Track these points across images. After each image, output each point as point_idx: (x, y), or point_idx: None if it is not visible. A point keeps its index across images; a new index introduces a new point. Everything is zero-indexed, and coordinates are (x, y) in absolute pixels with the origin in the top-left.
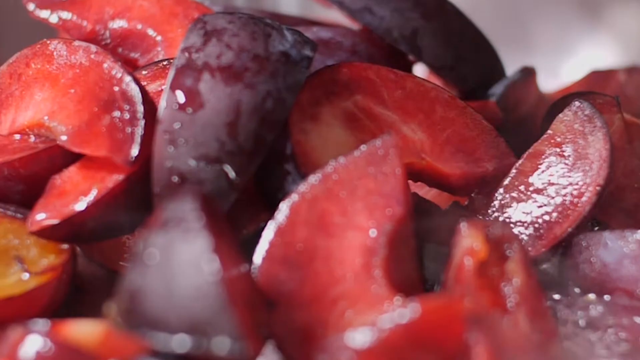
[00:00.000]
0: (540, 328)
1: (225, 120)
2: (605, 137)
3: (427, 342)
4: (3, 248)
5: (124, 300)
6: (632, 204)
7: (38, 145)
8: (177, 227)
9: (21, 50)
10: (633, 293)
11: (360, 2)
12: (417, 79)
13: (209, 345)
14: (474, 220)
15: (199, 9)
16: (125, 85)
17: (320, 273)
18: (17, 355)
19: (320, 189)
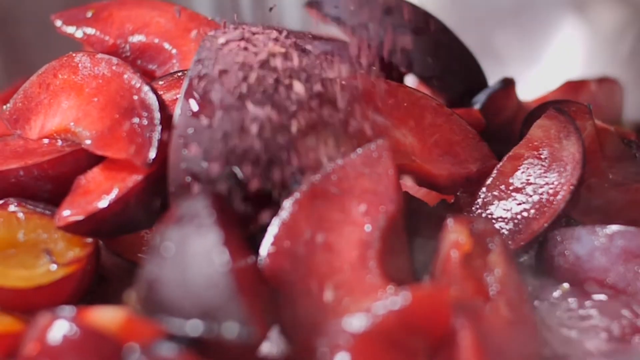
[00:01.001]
0: (519, 314)
1: (235, 126)
2: (578, 142)
3: (417, 326)
4: (33, 242)
5: (143, 288)
6: (602, 201)
7: (65, 148)
8: (190, 223)
9: (49, 62)
10: (603, 282)
11: (356, 19)
12: (408, 88)
13: (219, 329)
14: (459, 217)
15: (210, 25)
16: (143, 94)
17: (320, 264)
18: (46, 339)
19: (320, 188)
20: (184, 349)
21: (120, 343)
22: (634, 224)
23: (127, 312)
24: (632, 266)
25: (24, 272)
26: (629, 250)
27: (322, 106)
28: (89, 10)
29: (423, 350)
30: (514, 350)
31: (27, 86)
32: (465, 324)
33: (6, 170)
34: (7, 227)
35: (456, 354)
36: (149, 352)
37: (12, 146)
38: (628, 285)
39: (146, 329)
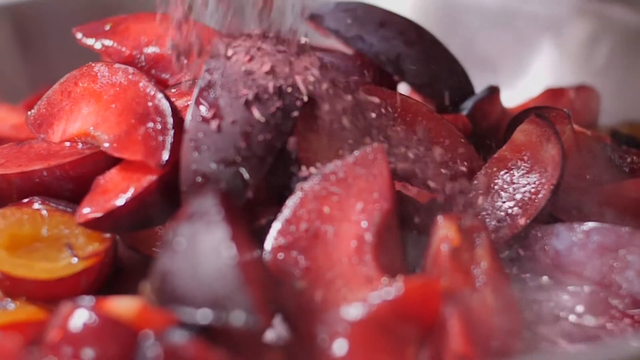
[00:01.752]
0: (504, 303)
1: (241, 131)
2: (557, 145)
3: (409, 315)
4: (55, 237)
5: (157, 280)
6: (580, 200)
7: (85, 151)
8: (200, 220)
9: (70, 72)
10: (580, 275)
11: (353, 32)
12: (401, 95)
13: (227, 318)
14: (448, 214)
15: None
16: (157, 101)
17: (320, 257)
18: (68, 327)
19: (320, 187)
20: (195, 335)
21: (136, 330)
22: (609, 221)
23: (142, 301)
24: (607, 260)
25: (48, 264)
26: (604, 245)
27: (322, 111)
28: (107, 23)
29: (415, 336)
30: (498, 336)
31: (50, 93)
32: (454, 312)
33: (31, 171)
34: (32, 224)
35: (445, 340)
36: (162, 338)
37: (36, 149)
38: (603, 278)
39: (160, 318)
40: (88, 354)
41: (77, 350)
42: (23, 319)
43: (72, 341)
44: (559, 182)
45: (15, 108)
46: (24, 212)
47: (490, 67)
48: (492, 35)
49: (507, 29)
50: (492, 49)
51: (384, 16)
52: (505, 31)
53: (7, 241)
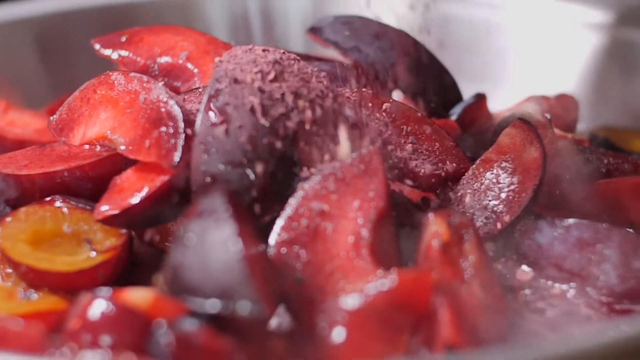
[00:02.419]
0: (490, 294)
1: (247, 135)
2: (540, 148)
3: (402, 305)
4: (76, 232)
5: (169, 272)
6: (561, 198)
7: (102, 153)
8: (209, 217)
9: (89, 80)
10: (561, 267)
11: (351, 43)
12: (396, 101)
13: (234, 307)
14: (438, 211)
15: (226, 48)
16: (169, 107)
17: (320, 252)
18: (86, 315)
19: (320, 187)
20: (204, 324)
21: (150, 319)
22: (587, 218)
23: (156, 292)
24: (585, 254)
25: (68, 258)
26: (583, 240)
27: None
28: (123, 35)
29: (408, 325)
30: (486, 325)
31: (70, 100)
32: (444, 302)
33: (53, 171)
34: (54, 220)
35: (436, 328)
36: (174, 326)
37: (57, 151)
38: (582, 270)
39: (172, 307)
40: (105, 340)
41: (95, 337)
42: (45, 308)
43: (90, 329)
44: (541, 182)
45: (39, 114)
46: (46, 209)
47: (477, 76)
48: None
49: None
50: (479, 59)
51: (380, 29)
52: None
53: (31, 237)
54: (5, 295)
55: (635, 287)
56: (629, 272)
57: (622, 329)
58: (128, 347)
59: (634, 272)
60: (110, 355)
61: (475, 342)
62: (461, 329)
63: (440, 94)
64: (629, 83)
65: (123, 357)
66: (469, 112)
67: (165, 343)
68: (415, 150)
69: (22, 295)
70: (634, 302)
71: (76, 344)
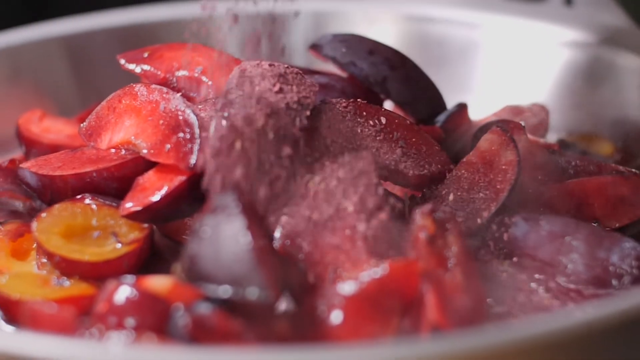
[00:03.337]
0: (471, 281)
1: (255, 140)
2: (515, 151)
3: (393, 291)
4: (103, 226)
5: (186, 262)
6: (534, 196)
7: (127, 156)
8: (222, 212)
9: (115, 91)
10: (535, 257)
11: (347, 58)
12: (387, 110)
13: (244, 293)
14: (425, 207)
15: (237, 63)
16: (186, 115)
17: (320, 244)
18: (113, 300)
19: (319, 186)
20: (217, 307)
21: (169, 303)
22: (557, 213)
23: (174, 279)
24: (556, 245)
25: (96, 249)
26: (553, 233)
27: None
28: (145, 51)
29: (398, 308)
30: (467, 308)
31: (98, 109)
32: (430, 288)
33: (83, 172)
34: (84, 216)
35: (423, 311)
36: (190, 310)
37: (87, 154)
38: (553, 259)
39: (188, 293)
40: (130, 322)
41: (120, 319)
42: (76, 294)
43: (116, 312)
44: (516, 182)
45: (70, 121)
46: (77, 206)
47: (459, 88)
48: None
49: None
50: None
51: (373, 45)
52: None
53: (63, 230)
54: (40, 282)
55: (599, 275)
56: (594, 261)
57: (589, 311)
58: (149, 329)
59: (598, 261)
60: (134, 335)
61: (458, 324)
62: (445, 312)
63: (427, 104)
64: (593, 94)
65: (145, 337)
66: (452, 119)
67: (183, 325)
68: (405, 153)
69: (55, 282)
70: (599, 288)
71: (103, 326)
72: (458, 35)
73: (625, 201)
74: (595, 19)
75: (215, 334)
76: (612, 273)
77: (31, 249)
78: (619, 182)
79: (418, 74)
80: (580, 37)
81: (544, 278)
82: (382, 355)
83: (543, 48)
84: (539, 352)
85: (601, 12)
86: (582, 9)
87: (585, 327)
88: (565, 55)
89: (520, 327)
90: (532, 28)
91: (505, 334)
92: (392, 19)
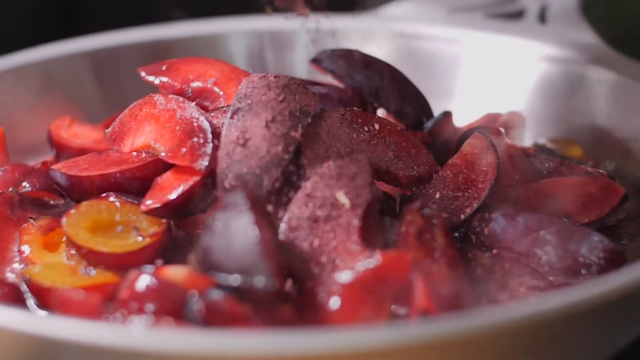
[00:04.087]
0: (455, 270)
1: (262, 146)
2: (494, 154)
3: (385, 279)
4: (126, 221)
5: (200, 253)
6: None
7: (147, 158)
8: (232, 209)
9: (136, 100)
10: (512, 249)
11: (344, 71)
12: (379, 117)
13: (252, 281)
14: (414, 204)
15: (245, 75)
16: (200, 122)
17: (319, 237)
18: (134, 287)
19: (319, 185)
20: (228, 294)
21: (185, 290)
22: (532, 210)
23: (189, 269)
24: (531, 238)
25: (120, 242)
26: (529, 227)
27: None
28: (164, 65)
29: (390, 295)
30: (451, 295)
31: (121, 116)
32: (418, 277)
33: (107, 173)
34: (108, 212)
35: (412, 297)
36: (204, 296)
37: (111, 157)
38: (529, 251)
39: (202, 281)
40: (149, 307)
41: (141, 305)
42: (101, 282)
43: (137, 298)
44: (496, 182)
45: (96, 127)
46: (102, 203)
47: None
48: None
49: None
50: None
51: (367, 60)
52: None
53: (90, 225)
54: (69, 271)
55: (570, 265)
56: (565, 253)
57: (560, 298)
58: (167, 313)
59: (569, 253)
60: (153, 319)
61: (443, 309)
62: (432, 298)
63: (415, 112)
64: (565, 103)
65: (163, 321)
66: (438, 126)
67: (197, 309)
68: (396, 156)
69: (83, 271)
70: (569, 277)
71: (126, 310)
72: (443, 50)
73: (594, 199)
74: (567, 36)
75: (226, 318)
76: (581, 263)
77: (61, 241)
78: (587, 182)
79: (407, 85)
80: (554, 52)
81: (520, 268)
82: (375, 337)
83: (520, 62)
84: (516, 334)
85: (573, 29)
86: (555, 27)
87: (557, 311)
88: (539, 68)
89: (499, 311)
90: (510, 43)
91: (486, 317)
92: (384, 36)
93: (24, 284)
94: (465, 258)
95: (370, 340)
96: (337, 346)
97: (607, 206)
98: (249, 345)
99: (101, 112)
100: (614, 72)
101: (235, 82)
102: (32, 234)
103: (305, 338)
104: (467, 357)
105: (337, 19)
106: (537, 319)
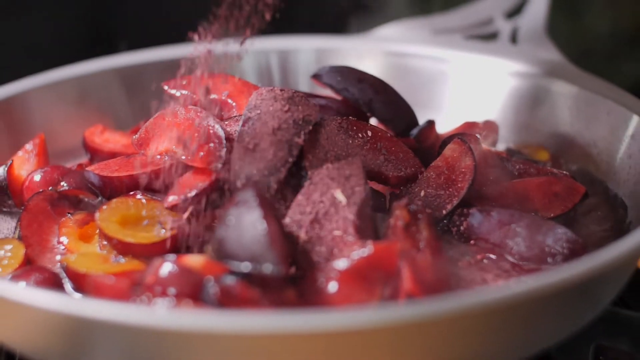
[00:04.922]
0: (437, 258)
1: (269, 150)
2: (472, 158)
3: (377, 266)
4: (151, 216)
5: (215, 244)
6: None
7: (169, 161)
8: (243, 205)
9: (160, 110)
10: (487, 240)
11: (341, 85)
12: (372, 125)
13: (261, 268)
14: (401, 201)
15: (255, 88)
16: (216, 129)
17: (319, 229)
18: (158, 273)
19: (319, 184)
20: (240, 279)
21: (202, 276)
22: (505, 206)
23: (206, 258)
24: (504, 231)
25: (146, 234)
26: (502, 221)
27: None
28: (184, 80)
29: (381, 280)
30: (434, 280)
31: (147, 124)
32: (405, 264)
33: (135, 174)
34: (136, 208)
35: (400, 282)
36: (219, 281)
37: (138, 160)
38: (502, 242)
39: (217, 268)
40: (171, 291)
41: (164, 289)
42: (130, 268)
43: (161, 283)
44: (473, 181)
45: (125, 134)
46: (130, 200)
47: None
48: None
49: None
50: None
51: (361, 75)
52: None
53: (119, 219)
54: (102, 260)
55: (538, 254)
56: (534, 243)
57: (529, 282)
58: (187, 296)
59: (537, 243)
60: (175, 301)
61: (427, 292)
62: (417, 283)
63: (403, 120)
64: (533, 113)
65: (184, 303)
66: (423, 133)
67: (213, 293)
68: (386, 159)
69: (113, 259)
70: (537, 264)
71: (151, 294)
72: (427, 67)
73: (558, 196)
74: (535, 55)
75: (239, 300)
76: (548, 252)
77: (95, 233)
78: (553, 181)
79: (397, 97)
80: (523, 68)
81: (494, 256)
82: (368, 317)
83: (494, 77)
84: (491, 314)
85: (540, 49)
86: (525, 47)
87: (526, 294)
88: (511, 83)
89: (476, 294)
90: (486, 61)
91: (464, 300)
92: (376, 54)
93: (62, 271)
94: (446, 248)
95: (363, 319)
96: (334, 324)
97: (570, 202)
98: (258, 323)
99: (129, 121)
100: (576, 86)
101: (246, 94)
102: (69, 227)
103: (307, 318)
104: (448, 334)
105: (336, 39)
106: (509, 300)
